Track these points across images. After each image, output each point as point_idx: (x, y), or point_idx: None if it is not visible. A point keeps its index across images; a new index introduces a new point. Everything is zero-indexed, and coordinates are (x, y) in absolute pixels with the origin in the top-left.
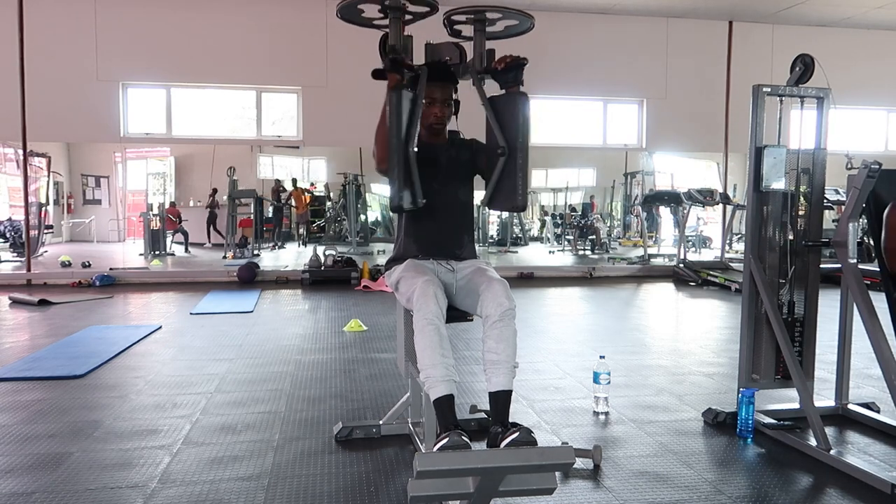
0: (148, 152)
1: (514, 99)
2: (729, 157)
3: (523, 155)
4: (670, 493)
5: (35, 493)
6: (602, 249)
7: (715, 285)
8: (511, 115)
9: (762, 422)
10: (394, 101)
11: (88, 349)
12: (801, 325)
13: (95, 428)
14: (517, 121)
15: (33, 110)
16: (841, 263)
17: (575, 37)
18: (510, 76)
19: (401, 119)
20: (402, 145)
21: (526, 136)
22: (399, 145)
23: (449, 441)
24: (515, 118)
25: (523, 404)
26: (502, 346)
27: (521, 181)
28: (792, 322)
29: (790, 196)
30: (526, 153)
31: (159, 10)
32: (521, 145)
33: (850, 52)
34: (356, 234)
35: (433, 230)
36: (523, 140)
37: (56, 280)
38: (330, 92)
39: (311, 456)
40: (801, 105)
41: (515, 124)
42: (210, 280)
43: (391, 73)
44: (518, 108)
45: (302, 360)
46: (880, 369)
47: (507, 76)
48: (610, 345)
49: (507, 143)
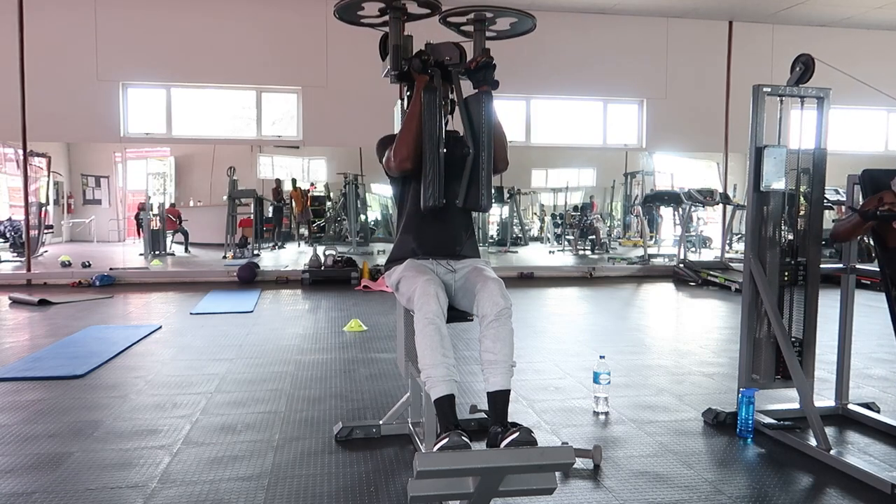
0: (148, 152)
1: (479, 98)
2: (729, 157)
3: (487, 154)
4: (670, 493)
5: (35, 493)
6: (602, 249)
7: (715, 285)
8: (476, 115)
9: (762, 422)
10: (427, 101)
11: (88, 349)
12: (802, 326)
13: (95, 428)
14: (480, 120)
15: (33, 110)
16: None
17: (575, 37)
18: (480, 75)
19: (434, 119)
20: (436, 145)
21: (490, 135)
22: (433, 145)
23: (449, 441)
24: (479, 117)
25: (523, 404)
26: (499, 346)
27: (485, 181)
28: (792, 322)
29: (790, 196)
30: (490, 152)
31: (159, 10)
32: (485, 145)
33: (850, 52)
34: (356, 234)
35: (434, 229)
36: (487, 139)
37: (56, 280)
38: (330, 92)
39: (311, 456)
40: (801, 105)
41: (481, 123)
42: (210, 280)
43: (421, 73)
44: (482, 107)
45: (302, 360)
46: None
47: (477, 75)
48: (610, 345)
49: (472, 143)
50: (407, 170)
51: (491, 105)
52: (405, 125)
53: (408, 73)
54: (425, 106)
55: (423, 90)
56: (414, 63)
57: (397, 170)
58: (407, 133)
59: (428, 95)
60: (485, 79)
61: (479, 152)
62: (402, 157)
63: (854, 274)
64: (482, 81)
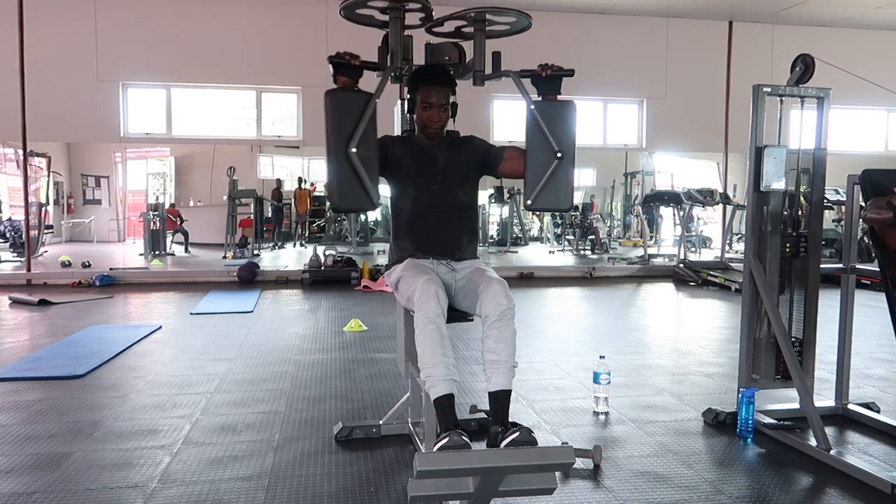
0: (148, 152)
1: (568, 107)
2: (729, 157)
3: (573, 160)
4: (670, 493)
5: (35, 493)
6: (602, 249)
7: (715, 285)
8: (564, 123)
9: (762, 422)
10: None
11: (88, 349)
12: (802, 326)
13: (95, 428)
14: (571, 129)
15: (33, 110)
16: None
17: (575, 37)
18: (553, 85)
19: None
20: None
21: (573, 142)
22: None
23: (449, 441)
24: (569, 126)
25: (523, 404)
26: (501, 346)
27: (570, 184)
28: (792, 322)
29: (790, 196)
30: (574, 159)
31: (159, 10)
32: (572, 151)
33: (850, 52)
34: (356, 234)
35: (430, 231)
36: (572, 147)
37: (56, 280)
38: None
39: (311, 456)
40: (801, 105)
41: (569, 132)
42: (210, 280)
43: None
44: (571, 116)
45: (302, 360)
46: None
47: (549, 84)
48: (610, 345)
49: (562, 150)
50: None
51: (576, 115)
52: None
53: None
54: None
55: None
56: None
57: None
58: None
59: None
60: (556, 88)
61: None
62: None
63: (854, 274)
64: (553, 90)
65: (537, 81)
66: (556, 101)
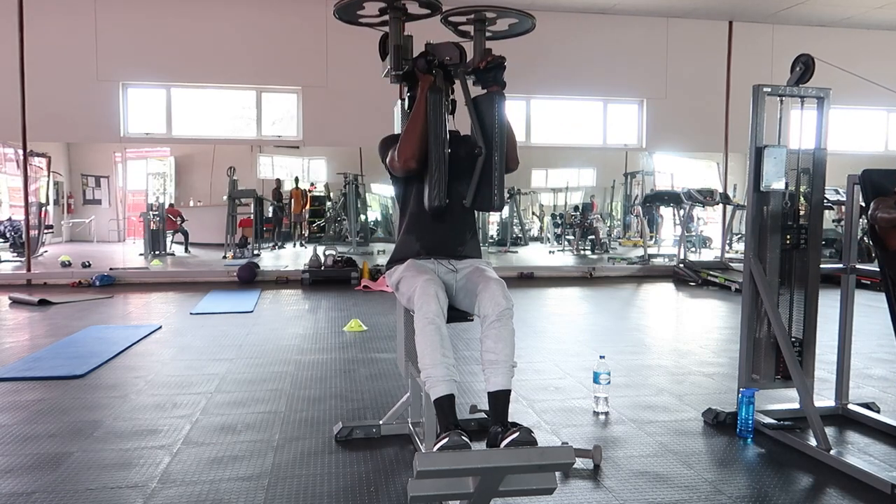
0: (148, 152)
1: (492, 98)
2: (729, 157)
3: (500, 155)
4: (670, 493)
5: (35, 493)
6: (602, 249)
7: (715, 285)
8: (489, 115)
9: (762, 422)
10: (433, 101)
11: (88, 349)
12: (802, 325)
13: (95, 428)
14: (493, 120)
15: (33, 110)
16: None
17: (575, 37)
18: (490, 76)
19: (439, 119)
20: (442, 145)
21: (502, 136)
22: (439, 146)
23: (449, 441)
24: (492, 118)
25: (523, 404)
26: (500, 346)
27: (498, 182)
28: (792, 322)
29: (790, 196)
30: (502, 153)
31: (159, 10)
32: (498, 145)
33: (850, 52)
34: (356, 234)
35: (436, 229)
36: (500, 140)
37: (56, 280)
38: (330, 92)
39: (311, 456)
40: (801, 105)
41: (492, 124)
42: (210, 280)
43: (426, 74)
44: (494, 107)
45: (302, 360)
46: None
47: (487, 75)
48: (610, 345)
49: (485, 143)
50: (411, 169)
51: (504, 106)
52: (410, 125)
53: (410, 73)
54: (431, 106)
55: (429, 90)
56: (419, 63)
57: (401, 169)
58: (412, 133)
59: (434, 96)
60: (495, 79)
61: (491, 152)
62: (407, 157)
63: (854, 274)
64: (493, 81)
65: (478, 74)
66: (487, 94)
